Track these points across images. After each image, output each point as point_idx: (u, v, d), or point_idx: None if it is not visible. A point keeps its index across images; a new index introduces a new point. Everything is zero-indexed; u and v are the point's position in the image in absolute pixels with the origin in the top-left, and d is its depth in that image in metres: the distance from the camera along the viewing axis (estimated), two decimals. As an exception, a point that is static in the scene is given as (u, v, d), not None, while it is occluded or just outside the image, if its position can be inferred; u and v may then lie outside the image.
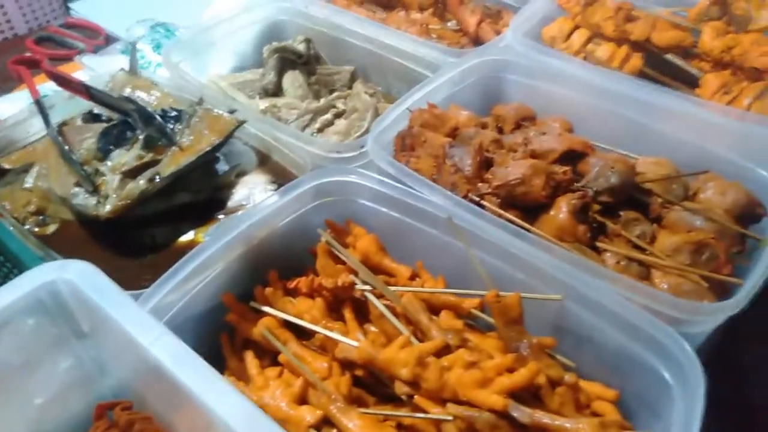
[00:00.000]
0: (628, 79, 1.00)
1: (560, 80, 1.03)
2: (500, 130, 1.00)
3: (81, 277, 0.53)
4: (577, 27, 1.16)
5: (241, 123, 0.91)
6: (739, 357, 0.93)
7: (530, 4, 1.19)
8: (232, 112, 0.94)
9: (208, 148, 0.87)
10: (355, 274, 0.78)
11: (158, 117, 0.88)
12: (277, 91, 1.18)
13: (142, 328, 0.49)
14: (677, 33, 1.08)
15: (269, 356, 0.77)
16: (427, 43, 1.13)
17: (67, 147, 0.87)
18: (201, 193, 0.90)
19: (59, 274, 0.54)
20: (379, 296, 0.77)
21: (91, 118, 1.00)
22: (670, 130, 0.94)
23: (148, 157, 0.87)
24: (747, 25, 1.06)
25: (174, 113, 0.93)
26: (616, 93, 0.98)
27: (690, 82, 1.08)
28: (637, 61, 1.10)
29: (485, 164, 0.87)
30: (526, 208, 0.80)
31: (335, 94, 1.19)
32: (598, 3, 1.15)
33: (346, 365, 0.73)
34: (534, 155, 0.86)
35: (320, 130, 1.11)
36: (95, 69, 1.27)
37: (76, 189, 0.84)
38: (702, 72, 1.07)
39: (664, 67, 1.10)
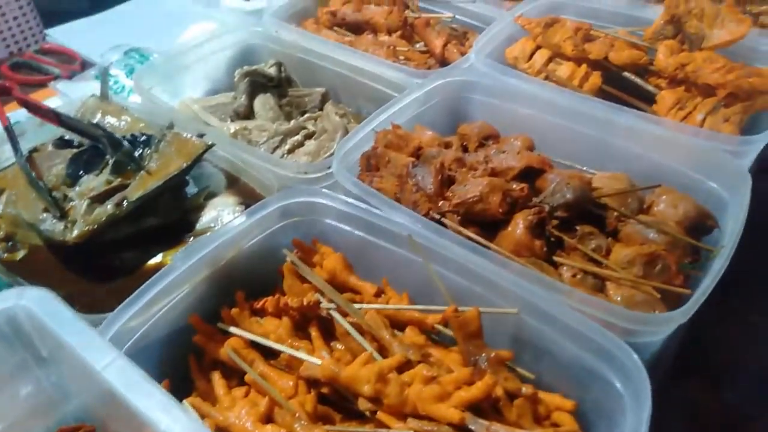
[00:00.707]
0: (587, 99, 1.04)
1: (522, 99, 1.06)
2: (465, 149, 1.02)
3: (38, 303, 0.54)
4: (538, 47, 1.19)
5: (209, 146, 0.93)
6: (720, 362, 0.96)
7: (493, 25, 1.23)
8: (201, 135, 0.96)
9: (176, 172, 0.88)
10: (321, 293, 0.80)
11: (126, 142, 0.89)
12: (248, 113, 1.21)
13: (96, 353, 0.50)
14: (633, 52, 1.12)
15: (237, 376, 0.78)
16: (394, 65, 1.16)
17: (34, 174, 0.88)
18: (170, 216, 0.92)
19: (16, 301, 0.55)
20: (345, 314, 0.78)
21: (62, 143, 1.01)
22: (628, 146, 0.97)
23: (117, 181, 0.88)
24: (700, 43, 1.11)
25: (143, 138, 0.95)
26: (575, 111, 1.01)
27: (647, 99, 1.11)
28: (596, 79, 1.14)
29: (447, 183, 0.89)
30: (486, 224, 0.83)
31: (306, 116, 1.21)
32: (558, 24, 1.19)
33: (312, 383, 0.74)
34: (494, 173, 0.89)
35: (291, 151, 1.13)
36: (69, 95, 1.29)
37: (44, 215, 0.85)
38: (658, 89, 1.11)
39: (623, 84, 1.14)
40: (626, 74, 1.14)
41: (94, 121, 1.01)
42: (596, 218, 0.86)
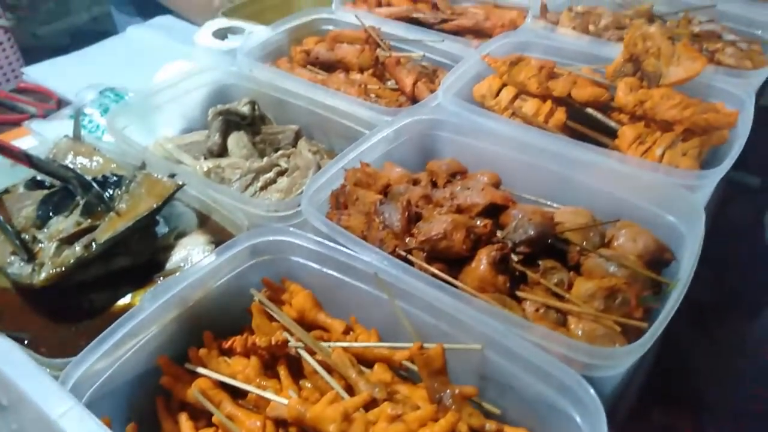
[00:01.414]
0: (551, 136, 1.07)
1: (488, 137, 1.09)
2: (435, 184, 1.05)
3: (-2, 351, 0.54)
4: (504, 85, 1.23)
5: (179, 186, 0.94)
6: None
7: (461, 63, 1.27)
8: (172, 176, 0.97)
9: (146, 213, 0.89)
10: (290, 331, 0.81)
11: (96, 184, 0.90)
12: (222, 151, 1.22)
13: (53, 401, 0.50)
14: (595, 89, 1.16)
15: (205, 417, 0.78)
16: (365, 103, 1.19)
17: (2, 217, 0.88)
18: (140, 256, 0.92)
19: (-25, 348, 0.55)
20: (313, 352, 0.79)
21: (34, 185, 1.01)
22: (590, 181, 1.00)
23: (86, 223, 0.88)
24: (658, 81, 1.15)
25: (114, 179, 0.95)
26: (539, 148, 1.04)
27: (610, 133, 1.15)
28: (560, 115, 1.17)
29: (415, 219, 0.91)
30: (451, 260, 0.84)
31: (279, 153, 1.23)
32: (523, 62, 1.23)
33: (280, 423, 0.74)
34: (459, 209, 0.91)
35: (263, 188, 1.14)
36: (43, 134, 1.30)
37: (12, 257, 0.85)
38: (620, 124, 1.15)
39: (586, 119, 1.18)
40: (589, 110, 1.18)
41: (66, 163, 1.02)
42: (559, 252, 0.88)
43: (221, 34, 1.52)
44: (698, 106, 1.09)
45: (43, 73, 1.67)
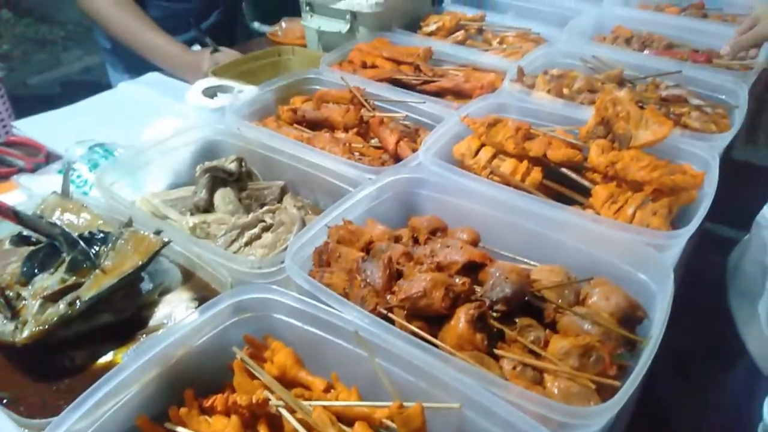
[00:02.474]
0: (527, 195, 1.11)
1: (467, 195, 1.13)
2: (416, 241, 1.08)
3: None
4: (483, 145, 1.28)
5: (165, 243, 0.96)
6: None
7: (442, 124, 1.32)
8: (158, 232, 0.99)
9: (131, 270, 0.90)
10: (270, 390, 0.81)
11: (81, 242, 0.92)
12: (208, 207, 1.25)
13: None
14: (569, 150, 1.21)
15: (185, 478, 0.77)
16: (349, 162, 1.23)
17: (-15, 275, 0.90)
18: (123, 313, 0.93)
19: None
20: (294, 411, 0.79)
21: (20, 240, 1.03)
22: (565, 239, 1.04)
23: (71, 280, 0.90)
24: (628, 143, 1.21)
25: (101, 235, 0.97)
26: (517, 207, 1.09)
27: (584, 192, 1.20)
28: (537, 174, 1.22)
29: (396, 277, 0.93)
30: (431, 318, 0.86)
31: (265, 208, 1.25)
32: (500, 124, 1.29)
33: (259, 483, 0.74)
34: (439, 267, 0.94)
35: (248, 243, 1.16)
36: (31, 189, 1.31)
37: (-5, 315, 0.86)
38: (593, 183, 1.20)
39: (561, 178, 1.23)
40: (564, 170, 1.23)
41: (54, 219, 1.04)
42: (536, 310, 0.91)
43: (211, 92, 1.57)
44: (666, 168, 1.14)
45: (34, 127, 1.70)
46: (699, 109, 1.41)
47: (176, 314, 0.93)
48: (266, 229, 1.21)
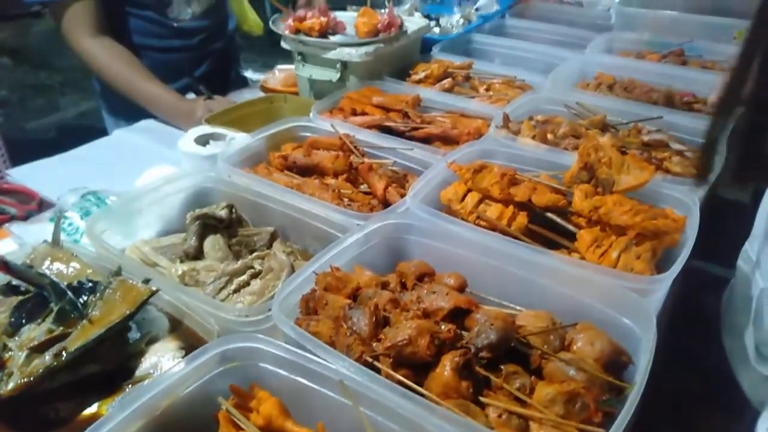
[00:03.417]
0: (513, 241, 1.13)
1: (454, 240, 1.15)
2: (404, 285, 1.09)
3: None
4: (470, 190, 1.31)
5: (154, 292, 0.97)
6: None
7: (429, 170, 1.35)
8: (147, 281, 0.99)
9: (119, 320, 0.91)
10: (256, 440, 0.81)
11: (70, 292, 0.92)
12: (198, 254, 1.26)
13: None
14: (553, 195, 1.24)
15: None
16: (337, 208, 1.25)
17: (-26, 326, 0.90)
18: (110, 363, 0.93)
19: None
20: (278, 462, 0.79)
21: (9, 290, 1.03)
22: (551, 284, 1.05)
23: (59, 331, 0.90)
24: (611, 187, 1.24)
25: (90, 284, 0.98)
26: (503, 252, 1.10)
27: (569, 236, 1.22)
28: (522, 219, 1.24)
29: (382, 324, 0.94)
30: (417, 366, 0.86)
31: (254, 254, 1.26)
32: (486, 170, 1.31)
33: None
34: (425, 313, 0.94)
35: (237, 290, 1.17)
36: (22, 237, 1.33)
37: (-20, 367, 0.86)
38: (578, 227, 1.22)
39: (547, 223, 1.25)
40: (549, 215, 1.25)
41: (43, 268, 1.04)
42: (521, 356, 0.91)
43: (203, 140, 1.60)
44: (648, 212, 1.17)
45: (27, 174, 1.72)
46: (680, 154, 1.44)
47: (163, 364, 0.93)
48: (255, 275, 1.21)
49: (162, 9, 2.05)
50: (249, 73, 2.27)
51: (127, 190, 1.42)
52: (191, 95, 2.03)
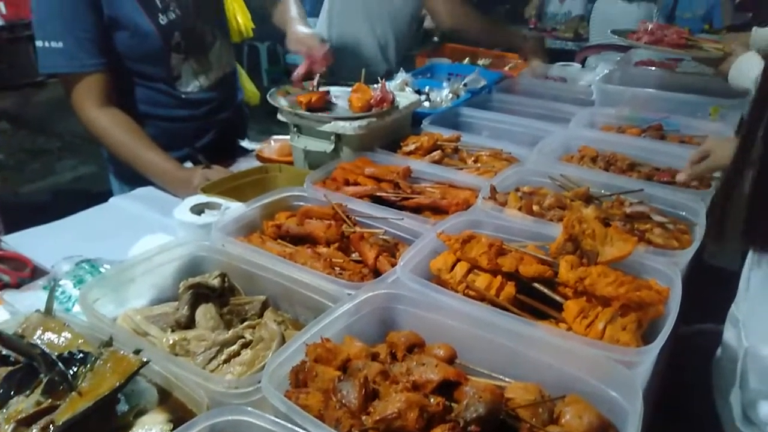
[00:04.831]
0: (501, 312, 1.15)
1: (444, 311, 1.16)
2: (394, 356, 1.10)
3: None
4: (459, 260, 1.34)
5: (144, 363, 0.97)
6: None
7: (419, 240, 1.38)
8: (137, 352, 1.00)
9: (107, 393, 0.91)
10: None
11: (60, 363, 0.93)
12: (189, 323, 1.26)
13: None
14: (540, 266, 1.27)
15: None
16: (329, 277, 1.27)
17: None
18: (96, 437, 0.92)
19: None
20: None
21: (-1, 360, 1.03)
22: (539, 356, 1.06)
23: (47, 403, 0.89)
24: (595, 259, 1.27)
25: (80, 355, 0.98)
26: (491, 323, 1.12)
27: (557, 306, 1.24)
28: (510, 289, 1.27)
29: (372, 397, 0.94)
30: (406, 440, 0.86)
31: (246, 323, 1.27)
32: (474, 240, 1.35)
33: None
34: (415, 385, 0.95)
35: (227, 361, 1.17)
36: (14, 305, 1.33)
37: (-35, 441, 0.85)
38: (565, 298, 1.24)
39: (534, 293, 1.27)
40: (536, 285, 1.27)
41: (35, 338, 1.05)
42: (510, 429, 0.91)
43: (198, 209, 1.63)
44: (632, 284, 1.19)
45: (22, 241, 1.74)
46: (661, 226, 1.49)
47: (150, 437, 0.92)
48: (246, 345, 1.22)
49: (171, 82, 2.14)
50: (245, 143, 2.33)
51: (122, 258, 1.43)
52: (189, 164, 2.08)
